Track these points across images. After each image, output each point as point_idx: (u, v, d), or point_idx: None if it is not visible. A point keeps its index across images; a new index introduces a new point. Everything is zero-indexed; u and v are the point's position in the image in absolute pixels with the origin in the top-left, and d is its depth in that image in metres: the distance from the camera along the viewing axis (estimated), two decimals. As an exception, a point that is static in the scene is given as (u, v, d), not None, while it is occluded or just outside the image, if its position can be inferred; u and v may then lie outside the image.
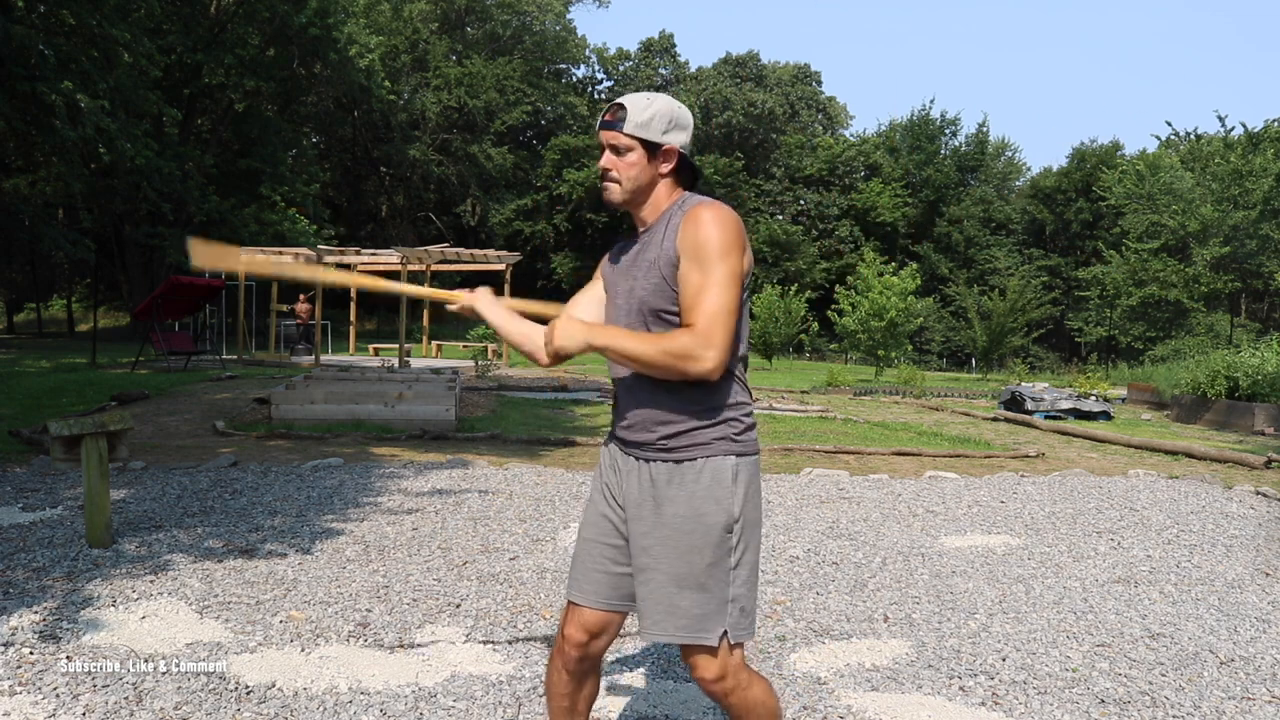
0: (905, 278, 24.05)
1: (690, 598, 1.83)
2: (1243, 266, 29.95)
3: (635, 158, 1.90)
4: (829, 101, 55.01)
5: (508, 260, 20.87)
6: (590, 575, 1.96)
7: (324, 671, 2.87)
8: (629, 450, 1.93)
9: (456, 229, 42.87)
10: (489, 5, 44.38)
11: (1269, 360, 12.17)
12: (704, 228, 1.80)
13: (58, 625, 3.17)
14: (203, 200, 24.88)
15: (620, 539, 1.94)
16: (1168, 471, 7.65)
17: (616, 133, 1.90)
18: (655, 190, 1.95)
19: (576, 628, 1.96)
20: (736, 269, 1.79)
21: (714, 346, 1.75)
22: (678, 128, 1.92)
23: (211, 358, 17.97)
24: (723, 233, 1.79)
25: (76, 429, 4.25)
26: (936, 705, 2.77)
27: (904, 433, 10.15)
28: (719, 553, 1.83)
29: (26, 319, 39.99)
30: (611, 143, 1.92)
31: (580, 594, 1.96)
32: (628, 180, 1.92)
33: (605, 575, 1.95)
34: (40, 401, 10.00)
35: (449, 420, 8.91)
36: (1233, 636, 3.49)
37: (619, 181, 1.92)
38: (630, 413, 1.91)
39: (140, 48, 17.95)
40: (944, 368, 37.66)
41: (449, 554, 4.31)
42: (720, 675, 1.86)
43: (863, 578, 4.15)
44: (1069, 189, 44.65)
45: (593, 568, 1.96)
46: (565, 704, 2.02)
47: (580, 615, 1.96)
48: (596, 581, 1.95)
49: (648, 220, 1.96)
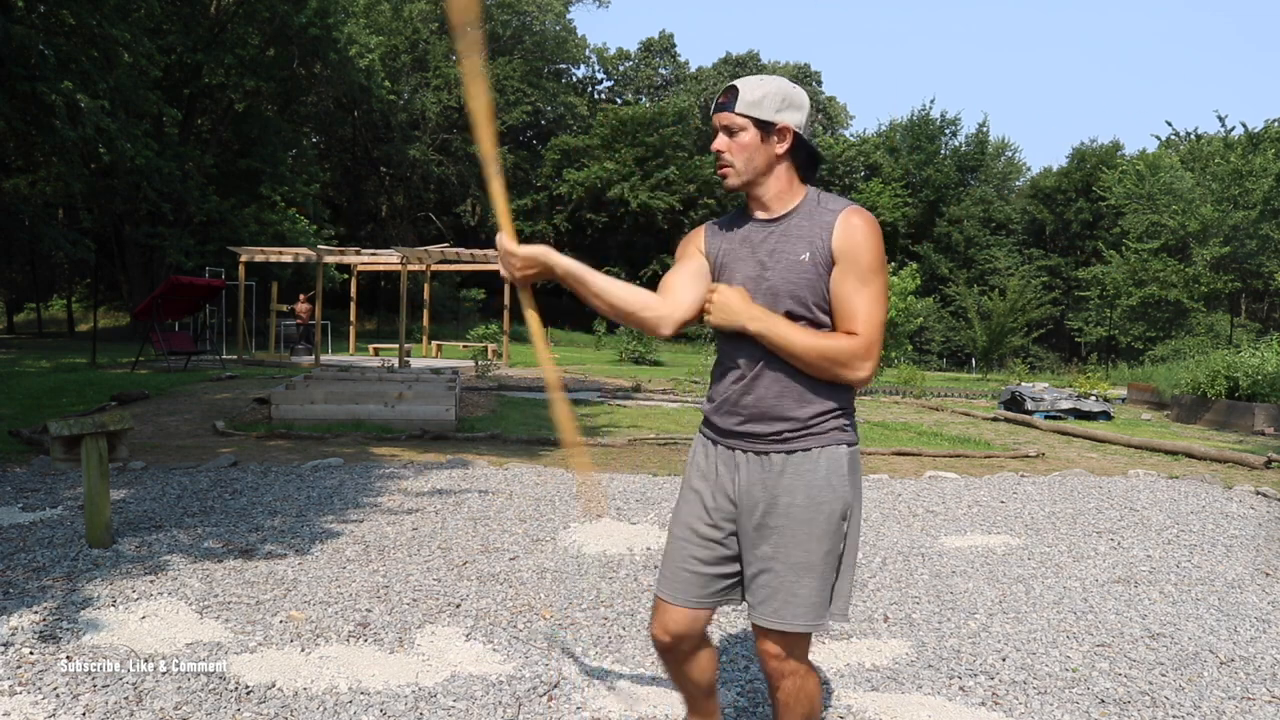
0: (905, 278, 24.04)
1: (809, 585, 1.87)
2: (1243, 266, 29.94)
3: (748, 138, 1.89)
4: (829, 101, 55.04)
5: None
6: (679, 574, 1.98)
7: (324, 671, 2.87)
8: (744, 443, 1.93)
9: (456, 229, 42.86)
10: (489, 5, 44.36)
11: (1269, 360, 12.17)
12: (867, 237, 1.85)
13: (58, 625, 3.17)
14: (203, 200, 24.88)
15: (716, 537, 1.96)
16: (1168, 471, 7.64)
17: (729, 113, 1.90)
18: (774, 172, 1.93)
19: (661, 628, 2.01)
20: (887, 282, 1.90)
21: (872, 359, 1.83)
22: (792, 107, 1.91)
23: (211, 358, 17.96)
24: (880, 245, 1.86)
25: (76, 429, 4.25)
26: (936, 705, 2.77)
27: (904, 433, 10.15)
28: (835, 540, 1.89)
29: (26, 319, 39.97)
30: (725, 124, 1.91)
31: (668, 591, 1.99)
32: (741, 161, 1.91)
33: (694, 575, 1.97)
34: (40, 401, 10.00)
35: (449, 420, 8.91)
36: (1233, 636, 3.49)
37: (733, 165, 1.92)
38: (747, 406, 1.91)
39: (140, 48, 17.95)
40: (944, 368, 37.65)
41: (449, 554, 4.31)
42: (799, 658, 1.92)
43: (863, 578, 4.15)
44: (1069, 189, 44.65)
45: (681, 566, 1.97)
46: (677, 674, 2.09)
47: (666, 613, 2.00)
48: (685, 581, 1.97)
49: (773, 208, 1.94)
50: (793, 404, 1.87)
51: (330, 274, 27.29)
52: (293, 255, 20.84)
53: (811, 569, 1.86)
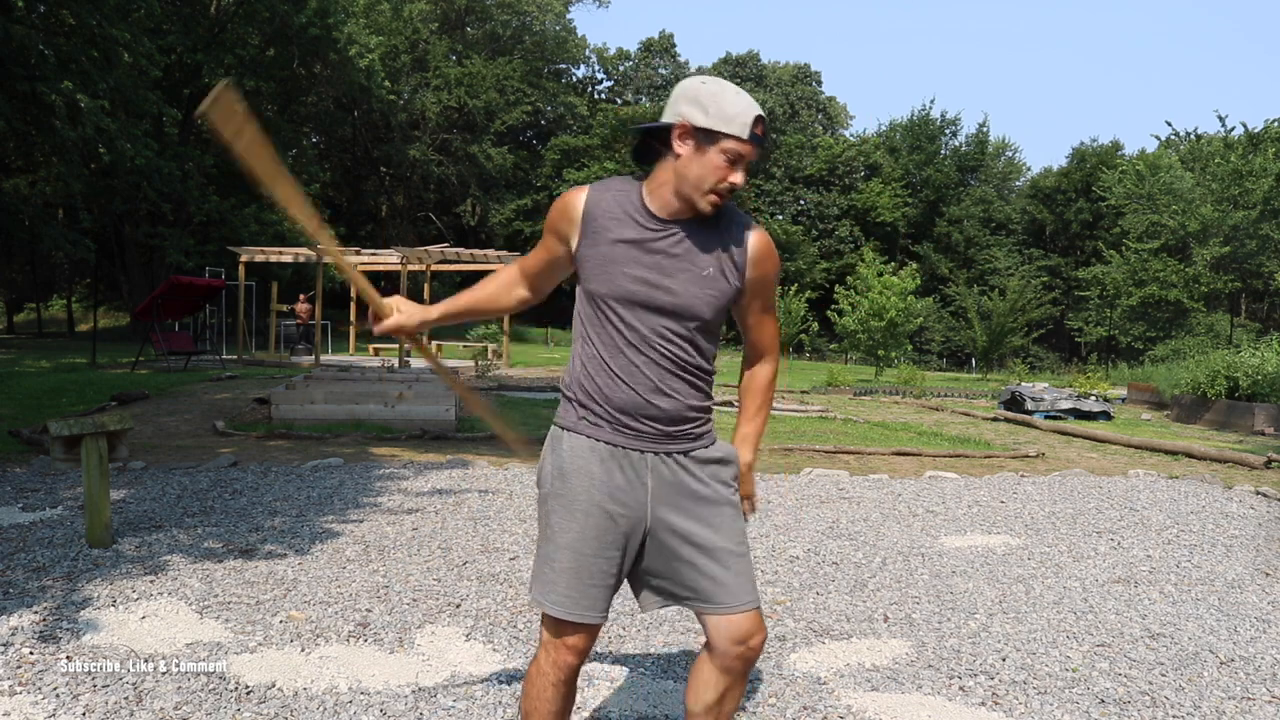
0: (905, 278, 24.07)
1: (748, 562, 1.92)
2: (1243, 266, 29.96)
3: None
4: (829, 101, 55.03)
5: (508, 260, 20.86)
6: (592, 591, 1.87)
7: (324, 671, 2.87)
8: (646, 446, 1.86)
9: (456, 229, 42.88)
10: (489, 5, 44.38)
11: (1269, 360, 12.17)
12: (776, 259, 1.93)
13: (58, 625, 3.17)
14: (203, 200, 24.88)
15: (623, 546, 1.88)
16: (1168, 471, 7.65)
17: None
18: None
19: (580, 647, 1.91)
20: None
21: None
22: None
23: (211, 358, 17.96)
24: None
25: (76, 429, 4.25)
26: (936, 705, 2.77)
27: (904, 433, 10.15)
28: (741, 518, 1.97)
29: (26, 319, 39.99)
30: (751, 159, 1.84)
31: (591, 613, 1.87)
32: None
33: (607, 589, 1.89)
34: (40, 401, 9.99)
35: (449, 420, 8.91)
36: (1233, 636, 3.49)
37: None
38: (655, 411, 1.85)
39: (140, 48, 17.94)
40: (944, 368, 37.69)
41: (449, 554, 4.31)
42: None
43: (863, 578, 4.15)
44: (1069, 189, 44.68)
45: (596, 584, 1.87)
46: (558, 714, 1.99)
47: (587, 633, 1.91)
48: (601, 597, 1.88)
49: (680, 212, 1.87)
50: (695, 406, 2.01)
51: (330, 274, 27.28)
52: (293, 255, 20.84)
53: (746, 547, 1.95)
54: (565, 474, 1.88)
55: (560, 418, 1.94)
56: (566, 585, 1.86)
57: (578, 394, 1.90)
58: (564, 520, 1.87)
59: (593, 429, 1.88)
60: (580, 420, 1.89)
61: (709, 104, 1.75)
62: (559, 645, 1.89)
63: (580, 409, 1.90)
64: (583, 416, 1.89)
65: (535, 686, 1.94)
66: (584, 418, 1.89)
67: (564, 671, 1.91)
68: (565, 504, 1.88)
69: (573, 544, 1.86)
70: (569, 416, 1.92)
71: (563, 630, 1.89)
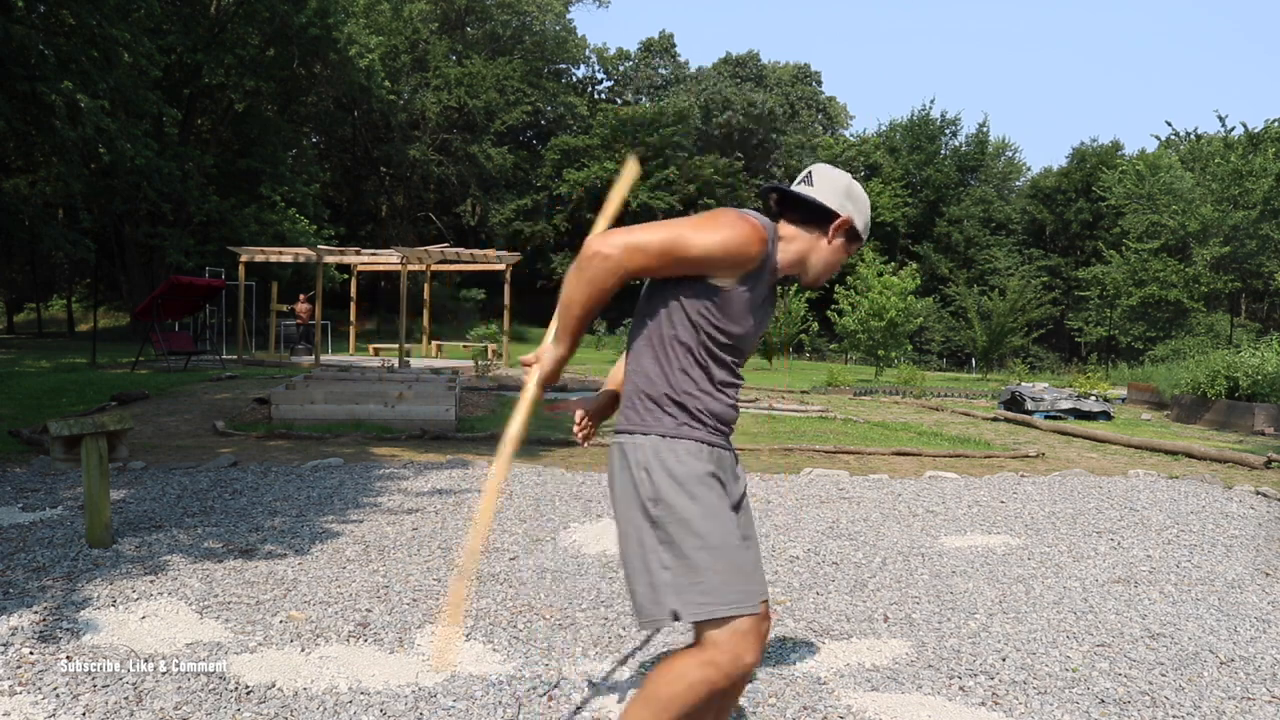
0: (905, 278, 24.06)
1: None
2: (1243, 266, 29.97)
3: None
4: (829, 101, 55.05)
5: (507, 260, 20.86)
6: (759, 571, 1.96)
7: (324, 671, 2.87)
8: (731, 446, 2.02)
9: (456, 229, 42.86)
10: (489, 5, 44.37)
11: (1269, 360, 12.17)
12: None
13: (57, 625, 3.17)
14: (203, 200, 24.88)
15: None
16: (1168, 471, 7.65)
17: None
18: None
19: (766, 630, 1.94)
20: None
21: None
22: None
23: (211, 358, 17.96)
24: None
25: (76, 429, 4.25)
26: (936, 705, 2.77)
27: (904, 433, 10.15)
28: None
29: (26, 319, 39.97)
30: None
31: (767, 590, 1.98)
32: None
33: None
34: (40, 401, 9.99)
35: (449, 420, 8.91)
36: (1233, 636, 3.49)
37: None
38: (735, 418, 2.01)
39: (140, 48, 17.94)
40: (944, 368, 37.69)
41: (449, 554, 4.31)
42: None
43: (863, 578, 4.15)
44: (1069, 189, 44.67)
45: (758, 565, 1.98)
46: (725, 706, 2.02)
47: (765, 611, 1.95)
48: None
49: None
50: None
51: (330, 274, 27.29)
52: (293, 255, 20.84)
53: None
54: (686, 480, 1.87)
55: (653, 425, 1.91)
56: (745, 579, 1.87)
57: (686, 405, 1.91)
58: (707, 522, 1.85)
59: (706, 434, 1.93)
60: (682, 426, 1.91)
61: (864, 211, 2.01)
62: (760, 636, 1.86)
63: (685, 415, 1.91)
64: (684, 422, 1.91)
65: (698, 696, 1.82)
66: (685, 423, 1.91)
67: (750, 669, 1.85)
68: (704, 506, 1.86)
69: (725, 540, 1.86)
70: (668, 424, 1.90)
71: (761, 621, 1.88)
